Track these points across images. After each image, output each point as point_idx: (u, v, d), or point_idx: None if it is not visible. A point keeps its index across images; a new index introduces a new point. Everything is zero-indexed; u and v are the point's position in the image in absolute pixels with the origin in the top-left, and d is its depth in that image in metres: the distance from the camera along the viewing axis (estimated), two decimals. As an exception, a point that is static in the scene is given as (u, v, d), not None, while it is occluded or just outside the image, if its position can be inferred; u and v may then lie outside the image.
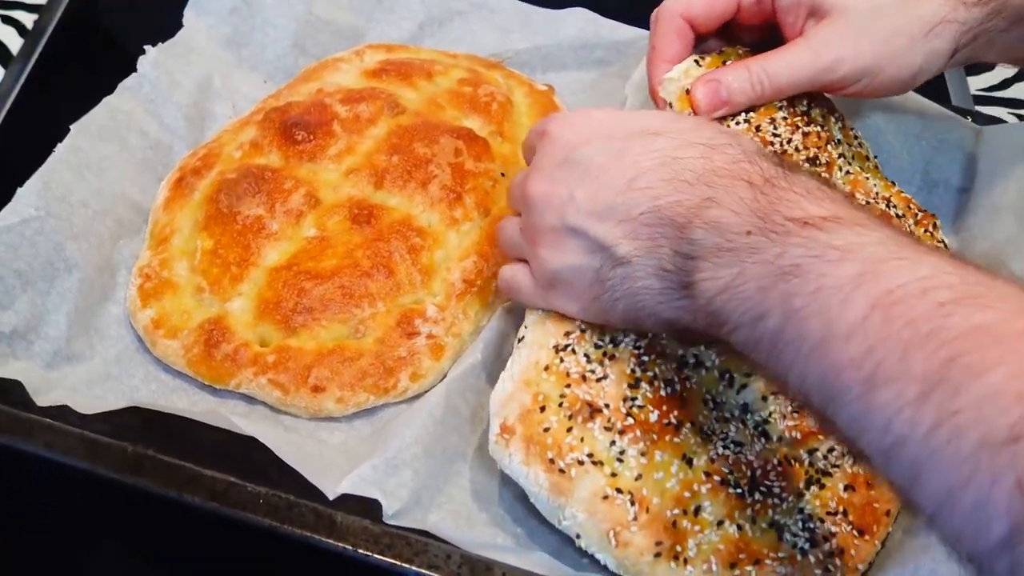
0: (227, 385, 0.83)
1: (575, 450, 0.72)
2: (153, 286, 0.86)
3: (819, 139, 0.88)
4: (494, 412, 0.74)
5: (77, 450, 0.75)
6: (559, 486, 0.71)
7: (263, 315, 0.84)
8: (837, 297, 0.53)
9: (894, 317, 0.50)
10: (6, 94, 1.01)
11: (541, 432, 0.72)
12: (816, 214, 0.58)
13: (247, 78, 1.07)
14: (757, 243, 0.58)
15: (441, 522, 0.75)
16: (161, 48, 1.00)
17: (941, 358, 0.48)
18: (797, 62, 0.83)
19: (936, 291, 0.50)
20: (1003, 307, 0.49)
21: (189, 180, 0.92)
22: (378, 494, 0.73)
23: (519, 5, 1.14)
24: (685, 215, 0.63)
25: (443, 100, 0.99)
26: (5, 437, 0.76)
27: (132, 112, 0.96)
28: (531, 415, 0.73)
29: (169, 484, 0.74)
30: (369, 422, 0.83)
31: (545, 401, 0.74)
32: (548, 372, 0.75)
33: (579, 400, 0.74)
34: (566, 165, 0.70)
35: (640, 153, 0.67)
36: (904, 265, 0.53)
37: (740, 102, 0.83)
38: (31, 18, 1.13)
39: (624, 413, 0.74)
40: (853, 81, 0.83)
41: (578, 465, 0.71)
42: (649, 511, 0.71)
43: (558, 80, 1.11)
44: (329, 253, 0.86)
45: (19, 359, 0.82)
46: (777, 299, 0.56)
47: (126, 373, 0.84)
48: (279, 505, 0.73)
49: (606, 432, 0.73)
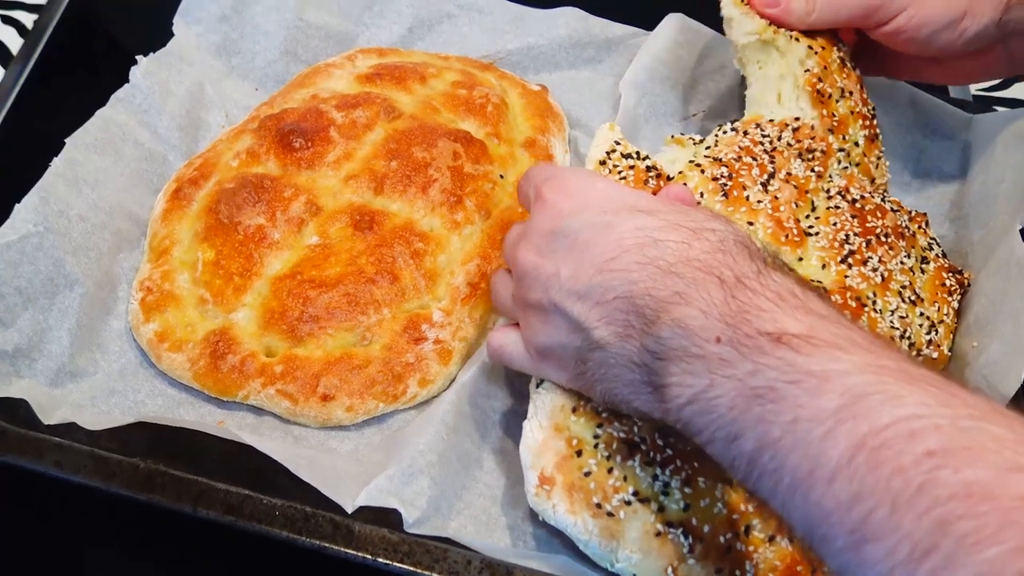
0: (235, 397, 0.82)
1: (620, 491, 0.71)
2: (155, 299, 0.85)
3: (812, 131, 0.89)
4: (528, 464, 0.72)
5: (87, 468, 0.74)
6: (609, 530, 0.70)
7: (269, 325, 0.83)
8: (817, 432, 0.51)
9: (881, 462, 0.48)
10: (6, 94, 1.00)
11: (582, 477, 0.71)
12: (790, 330, 0.55)
13: (238, 86, 1.06)
14: (727, 354, 0.56)
15: (462, 529, 0.74)
16: (152, 58, 1.00)
17: (934, 519, 0.46)
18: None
19: (924, 436, 0.48)
20: (995, 459, 0.46)
21: (186, 191, 0.92)
22: (397, 504, 0.72)
23: (509, 6, 1.14)
24: (654, 309, 0.61)
25: (438, 103, 0.99)
26: (14, 457, 0.75)
27: (126, 124, 0.95)
28: (569, 461, 0.72)
29: (182, 499, 0.73)
30: (379, 430, 0.83)
31: (580, 445, 0.72)
32: (576, 414, 0.73)
33: (615, 439, 0.72)
34: (555, 237, 0.68)
35: (626, 231, 0.65)
36: (887, 401, 0.50)
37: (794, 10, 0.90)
38: (31, 18, 1.13)
39: (661, 445, 0.72)
40: (895, 12, 0.87)
41: (625, 506, 0.70)
42: (703, 540, 0.70)
43: (551, 79, 1.11)
44: (332, 260, 0.86)
45: (23, 377, 0.81)
46: (751, 422, 0.54)
47: (131, 388, 0.84)
48: (296, 517, 0.73)
49: (647, 467, 0.72)
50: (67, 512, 0.81)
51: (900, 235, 0.88)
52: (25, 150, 0.88)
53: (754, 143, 0.88)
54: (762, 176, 0.85)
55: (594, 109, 1.08)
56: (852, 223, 0.85)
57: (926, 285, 0.88)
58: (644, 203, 0.67)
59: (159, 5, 1.08)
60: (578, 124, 1.07)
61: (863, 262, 0.83)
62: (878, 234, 0.86)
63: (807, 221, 0.85)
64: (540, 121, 1.02)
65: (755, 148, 0.87)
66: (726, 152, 0.87)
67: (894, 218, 0.89)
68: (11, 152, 0.94)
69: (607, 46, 1.12)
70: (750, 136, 0.89)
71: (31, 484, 0.78)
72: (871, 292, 0.82)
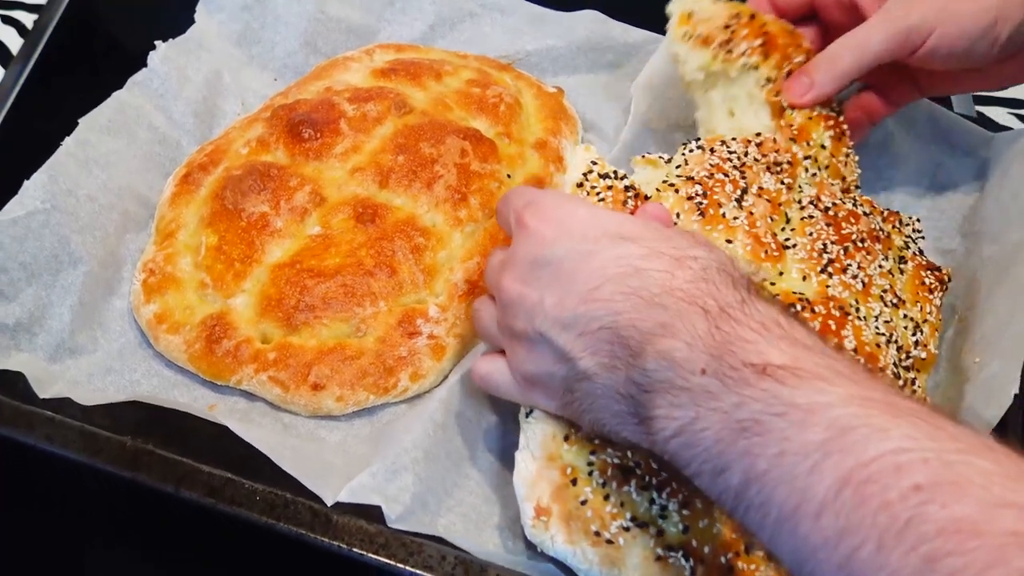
0: (228, 381, 0.83)
1: (618, 517, 0.70)
2: (157, 281, 0.87)
3: (775, 144, 0.89)
4: (523, 495, 0.72)
5: (76, 443, 0.75)
6: (610, 557, 0.70)
7: (265, 312, 0.84)
8: (804, 465, 0.50)
9: (867, 497, 0.48)
10: (6, 94, 1.01)
11: (579, 506, 0.71)
12: (774, 361, 0.55)
13: (257, 76, 1.07)
14: (712, 386, 0.56)
15: (451, 526, 0.75)
16: (171, 44, 1.01)
17: (921, 556, 0.45)
18: (869, 29, 0.87)
19: (910, 469, 0.47)
20: (983, 495, 0.46)
21: (196, 176, 0.93)
22: (379, 500, 0.72)
23: (530, 7, 1.14)
24: (639, 341, 0.60)
25: (451, 100, 0.99)
26: (7, 429, 0.76)
27: (141, 107, 0.96)
28: (564, 491, 0.71)
29: (166, 479, 0.74)
30: (369, 422, 0.83)
31: (575, 473, 0.72)
32: (569, 442, 0.73)
33: (609, 465, 0.72)
34: (538, 265, 0.67)
35: (608, 259, 0.64)
36: (872, 434, 0.50)
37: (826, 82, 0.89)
38: (31, 18, 1.13)
39: (656, 468, 0.72)
40: (925, 35, 0.85)
41: (624, 532, 0.70)
42: (704, 562, 0.70)
43: (568, 82, 1.11)
44: (332, 251, 0.86)
45: (22, 351, 0.83)
46: (737, 455, 0.54)
47: (128, 367, 0.85)
48: (276, 502, 0.73)
49: (643, 492, 0.71)
50: (56, 488, 0.82)
51: (875, 238, 0.87)
52: (25, 150, 0.89)
53: (723, 160, 0.87)
54: (735, 192, 0.85)
55: (609, 113, 1.08)
56: (828, 231, 0.84)
57: (906, 286, 0.87)
58: (627, 229, 0.66)
59: (159, 5, 1.09)
60: (592, 127, 1.07)
61: (843, 270, 0.82)
62: (854, 240, 0.85)
63: (783, 234, 0.84)
64: (553, 123, 1.02)
65: (725, 165, 0.87)
66: (697, 171, 0.87)
67: (867, 222, 0.88)
68: (11, 152, 0.95)
69: (626, 51, 1.12)
70: (717, 153, 0.88)
71: (24, 458, 0.79)
72: (854, 300, 0.81)
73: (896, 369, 0.81)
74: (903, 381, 0.81)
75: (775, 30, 0.92)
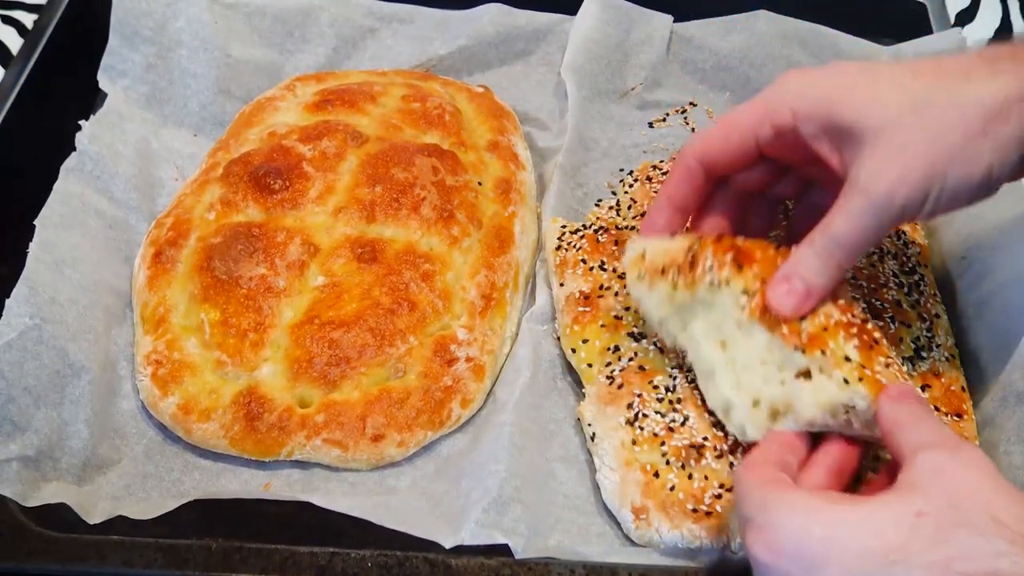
0: (277, 455, 0.79)
1: (707, 489, 0.74)
2: (168, 371, 0.81)
3: None
4: (617, 507, 0.76)
5: (159, 560, 0.71)
6: (715, 527, 0.73)
7: (298, 375, 0.81)
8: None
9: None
10: (6, 94, 0.96)
11: (669, 493, 0.74)
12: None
13: (176, 135, 1.02)
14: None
15: (560, 545, 0.74)
16: (94, 121, 0.95)
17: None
18: (852, 212, 0.68)
19: None
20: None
21: (168, 253, 0.87)
22: (501, 536, 0.72)
23: (431, 12, 1.12)
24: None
25: (397, 120, 0.97)
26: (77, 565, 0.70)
27: (82, 194, 0.90)
28: (651, 485, 0.75)
29: (269, 570, 0.71)
30: (430, 459, 0.81)
31: (654, 467, 0.76)
32: (638, 445, 0.77)
33: (681, 448, 0.76)
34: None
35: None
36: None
37: (821, 284, 0.70)
38: (31, 18, 1.10)
39: (722, 436, 0.77)
40: (919, 204, 0.67)
41: (717, 500, 0.74)
42: None
43: (486, 79, 1.10)
44: (346, 298, 0.83)
45: (50, 480, 0.77)
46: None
47: (163, 468, 0.80)
48: (389, 563, 0.71)
49: (719, 459, 0.76)
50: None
51: None
52: (25, 150, 0.87)
53: (661, 183, 0.91)
54: None
55: (537, 101, 1.09)
56: None
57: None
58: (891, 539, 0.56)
59: None
60: (526, 119, 1.07)
61: None
62: None
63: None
64: (496, 122, 1.02)
65: None
66: (647, 203, 0.91)
67: None
68: (11, 152, 0.92)
69: (535, 36, 1.12)
70: (654, 179, 0.93)
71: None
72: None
73: None
74: None
75: (748, 244, 0.75)
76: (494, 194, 0.94)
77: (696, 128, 1.07)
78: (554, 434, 0.82)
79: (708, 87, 1.12)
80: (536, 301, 0.89)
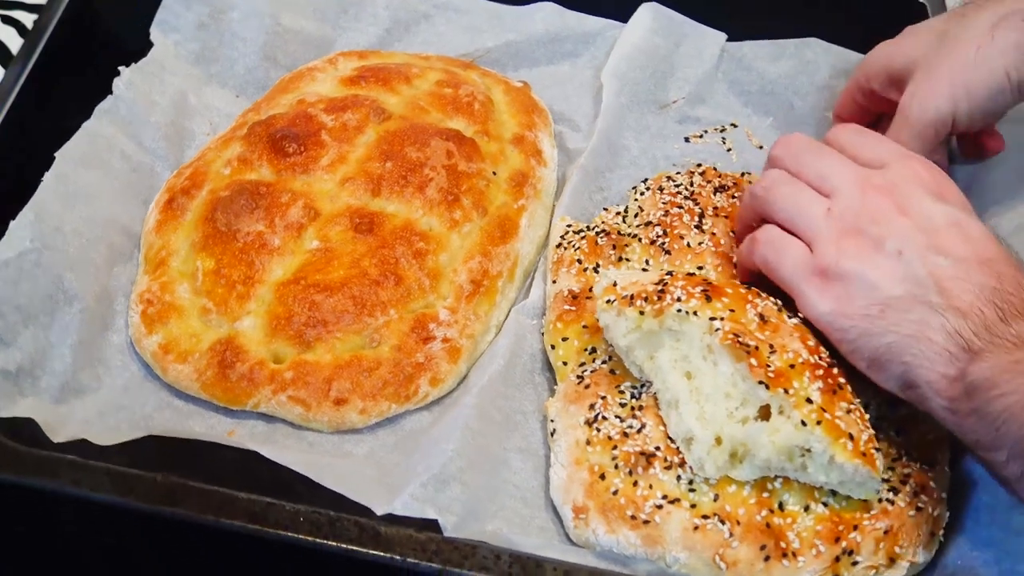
0: (244, 406, 0.81)
1: (649, 498, 0.74)
2: (157, 311, 0.84)
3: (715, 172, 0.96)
4: (560, 502, 0.76)
5: (106, 485, 0.74)
6: (650, 537, 0.73)
7: (275, 331, 0.83)
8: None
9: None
10: (6, 94, 0.98)
11: (612, 497, 0.74)
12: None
13: (219, 94, 1.05)
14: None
15: (498, 532, 0.75)
16: (135, 68, 0.98)
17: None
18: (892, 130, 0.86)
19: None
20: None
21: (179, 201, 0.91)
22: (434, 513, 0.72)
23: (486, 4, 1.14)
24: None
25: (425, 103, 0.99)
26: (29, 478, 0.74)
27: (112, 136, 0.94)
28: (595, 486, 0.75)
29: (205, 510, 0.73)
30: (392, 431, 0.83)
31: (602, 469, 0.76)
32: (591, 445, 0.77)
33: (631, 454, 0.76)
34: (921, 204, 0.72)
35: None
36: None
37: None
38: (31, 18, 1.11)
39: (675, 448, 0.76)
40: (949, 115, 0.84)
41: (658, 510, 0.73)
42: (740, 523, 0.73)
43: (531, 75, 1.11)
44: (335, 264, 0.85)
45: (26, 396, 0.80)
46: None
47: (138, 402, 0.83)
48: (320, 521, 0.73)
49: (668, 471, 0.75)
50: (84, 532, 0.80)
51: None
52: (25, 150, 0.88)
53: (673, 195, 0.92)
54: (694, 219, 0.90)
55: (576, 102, 1.09)
56: None
57: None
58: None
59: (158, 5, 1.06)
60: (562, 118, 1.07)
61: None
62: None
63: None
64: (526, 117, 1.02)
65: (676, 198, 0.92)
66: (654, 212, 0.91)
67: None
68: (11, 152, 0.94)
69: (584, 39, 1.13)
70: (666, 190, 0.93)
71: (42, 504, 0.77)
72: None
73: None
74: None
75: (720, 282, 0.79)
76: (507, 186, 0.95)
77: (732, 149, 1.06)
78: (519, 425, 0.82)
79: (752, 110, 1.10)
80: (531, 295, 0.90)
